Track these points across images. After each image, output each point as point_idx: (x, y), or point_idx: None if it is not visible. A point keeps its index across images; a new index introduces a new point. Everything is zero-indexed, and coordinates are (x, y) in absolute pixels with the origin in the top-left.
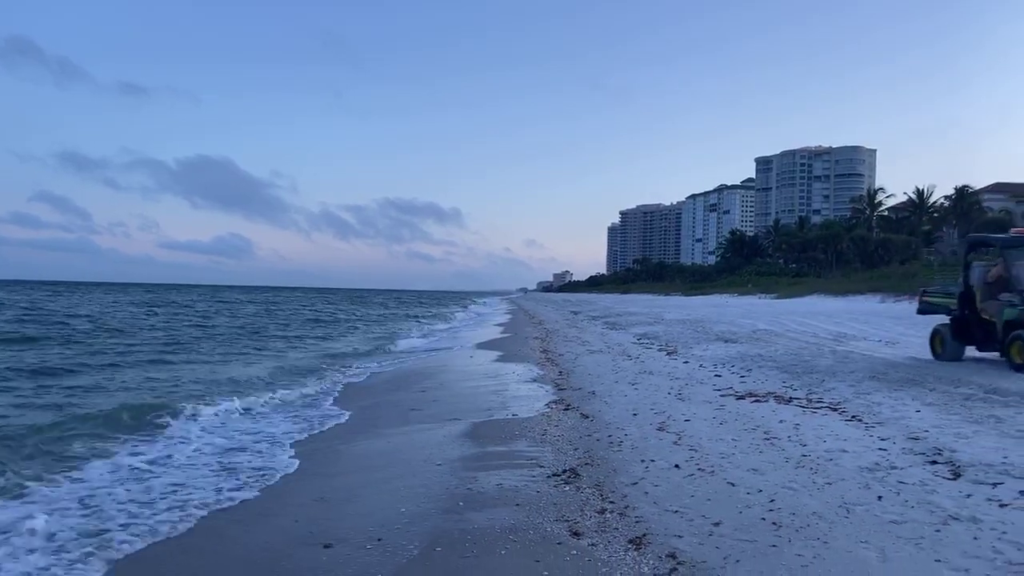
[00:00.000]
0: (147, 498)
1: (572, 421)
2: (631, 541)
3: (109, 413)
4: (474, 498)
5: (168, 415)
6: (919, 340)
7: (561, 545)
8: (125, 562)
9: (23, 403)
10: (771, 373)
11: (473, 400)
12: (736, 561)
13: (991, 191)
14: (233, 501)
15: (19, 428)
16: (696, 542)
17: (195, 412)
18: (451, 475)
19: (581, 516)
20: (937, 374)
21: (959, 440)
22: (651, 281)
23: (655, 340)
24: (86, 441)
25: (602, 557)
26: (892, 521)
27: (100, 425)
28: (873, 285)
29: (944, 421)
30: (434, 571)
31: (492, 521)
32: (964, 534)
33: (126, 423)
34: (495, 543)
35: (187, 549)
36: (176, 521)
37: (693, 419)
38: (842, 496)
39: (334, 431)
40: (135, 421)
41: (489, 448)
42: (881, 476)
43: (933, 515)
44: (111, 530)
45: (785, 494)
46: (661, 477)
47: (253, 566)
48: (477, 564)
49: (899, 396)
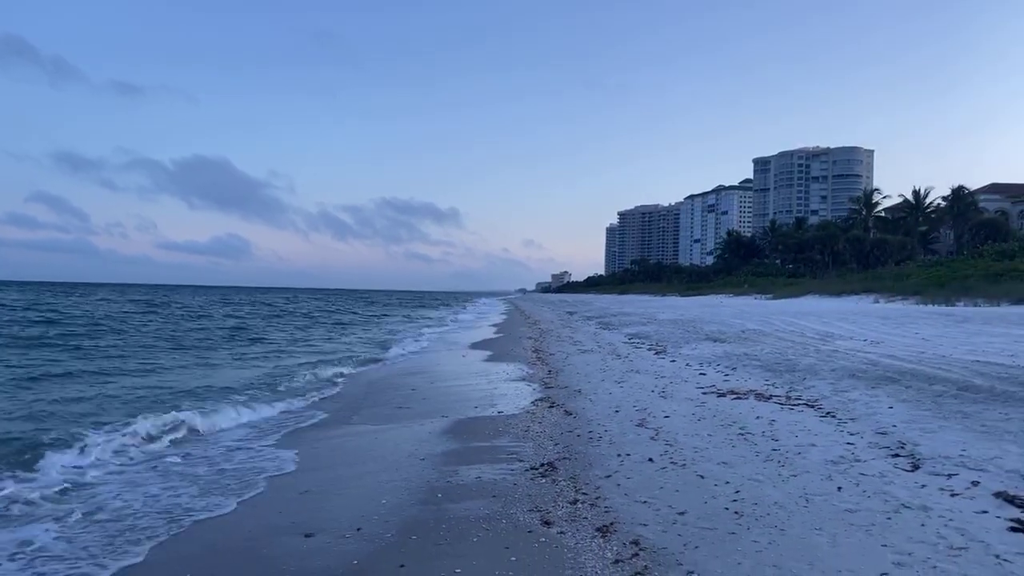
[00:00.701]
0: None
1: (555, 418)
2: (598, 529)
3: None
4: (453, 490)
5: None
6: (904, 340)
7: (531, 533)
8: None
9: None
10: (755, 372)
11: (461, 398)
12: (695, 547)
13: (987, 192)
14: (220, 494)
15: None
16: (660, 530)
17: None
18: (432, 469)
19: (554, 507)
20: (914, 372)
21: (924, 435)
22: (649, 282)
23: (646, 340)
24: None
25: (569, 544)
26: (847, 510)
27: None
28: (867, 285)
29: (913, 417)
30: (407, 557)
31: (468, 511)
32: (913, 521)
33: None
34: (468, 531)
35: (176, 539)
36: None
37: (673, 415)
38: (804, 487)
39: (321, 428)
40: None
41: (472, 444)
42: (844, 468)
43: (887, 504)
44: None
45: (751, 485)
46: (634, 470)
47: (235, 554)
48: (449, 550)
49: (875, 394)
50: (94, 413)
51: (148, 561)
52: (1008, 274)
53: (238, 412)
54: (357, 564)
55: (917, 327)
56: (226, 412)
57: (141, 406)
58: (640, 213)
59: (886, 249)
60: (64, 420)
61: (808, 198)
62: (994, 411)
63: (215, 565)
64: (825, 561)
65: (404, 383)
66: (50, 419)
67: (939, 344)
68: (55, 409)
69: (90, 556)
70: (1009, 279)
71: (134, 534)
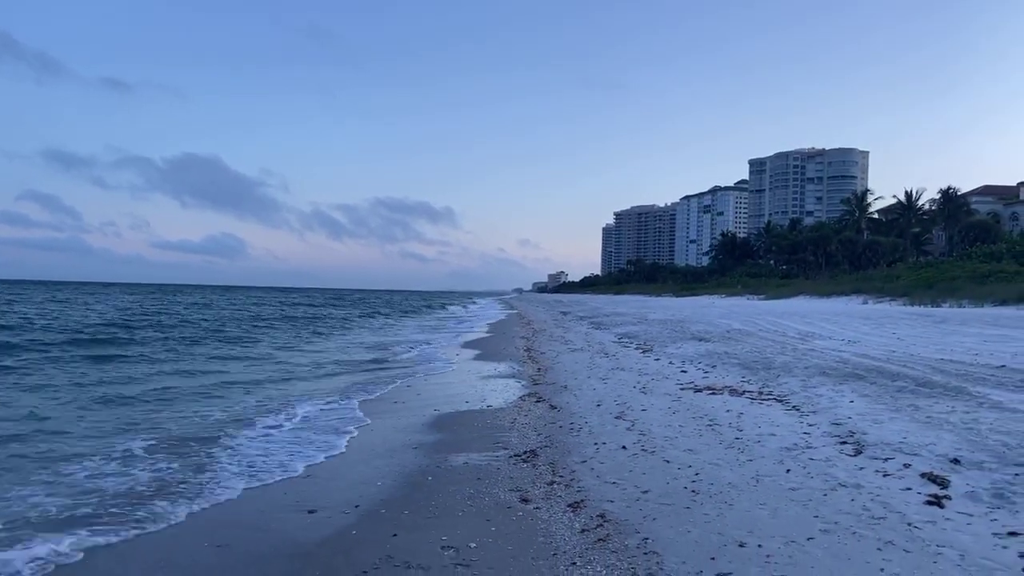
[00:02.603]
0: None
1: (541, 411)
2: (570, 505)
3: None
4: (442, 474)
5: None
6: (880, 339)
7: (510, 508)
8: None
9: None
10: (733, 369)
11: (452, 394)
12: (653, 519)
13: (980, 193)
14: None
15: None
16: (624, 505)
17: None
18: (424, 456)
19: (532, 487)
20: (880, 369)
21: (874, 425)
22: (644, 282)
23: (634, 339)
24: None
25: (543, 517)
26: (791, 488)
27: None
28: (857, 286)
29: (869, 409)
30: (400, 528)
31: (455, 491)
32: (844, 497)
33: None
34: (455, 507)
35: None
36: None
37: (650, 409)
38: (757, 470)
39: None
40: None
41: (461, 434)
42: (796, 454)
43: (826, 483)
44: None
45: (710, 469)
46: (608, 456)
47: (245, 527)
48: (437, 523)
49: (841, 389)
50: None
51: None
52: (994, 275)
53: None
54: (355, 534)
55: (896, 327)
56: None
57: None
58: (636, 213)
59: (878, 250)
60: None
61: (803, 199)
62: (943, 404)
63: (238, 538)
64: (763, 530)
65: (399, 380)
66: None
67: (912, 343)
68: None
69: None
70: (995, 280)
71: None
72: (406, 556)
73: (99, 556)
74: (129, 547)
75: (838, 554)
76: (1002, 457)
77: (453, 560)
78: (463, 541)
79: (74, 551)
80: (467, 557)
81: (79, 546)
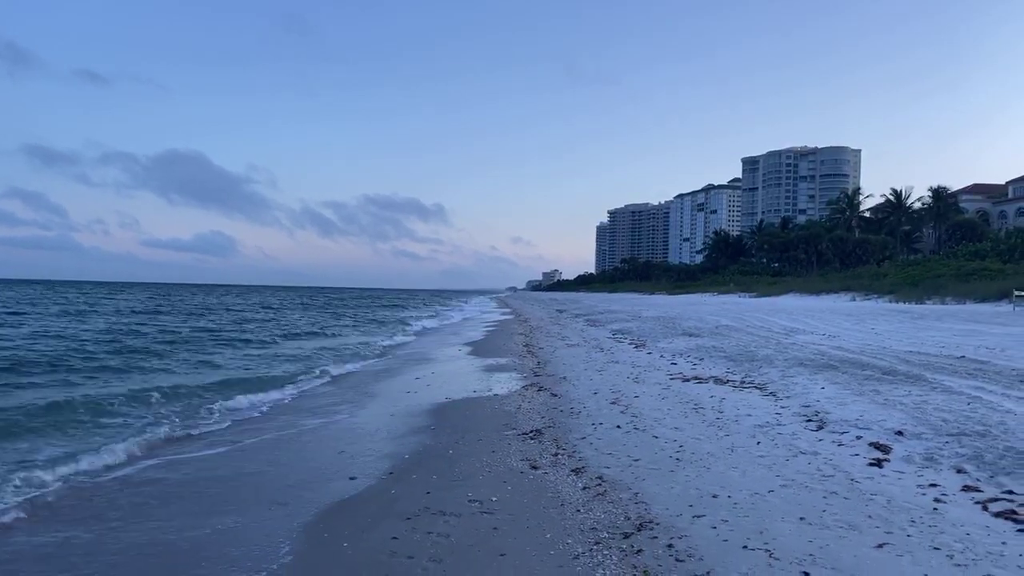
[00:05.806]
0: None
1: (543, 399)
2: (573, 471)
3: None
4: (461, 447)
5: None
6: (858, 334)
7: (523, 473)
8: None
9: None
10: (719, 361)
11: (460, 384)
12: (642, 479)
13: (969, 192)
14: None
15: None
16: (619, 470)
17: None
18: (443, 434)
19: (540, 457)
20: (853, 360)
21: (838, 407)
22: (638, 280)
23: (628, 335)
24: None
25: (551, 479)
26: (759, 456)
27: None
28: (846, 284)
29: (837, 395)
30: (431, 487)
31: (473, 460)
32: (802, 461)
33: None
34: (475, 473)
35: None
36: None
37: (642, 396)
38: (732, 443)
39: (343, 409)
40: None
41: (473, 417)
42: (767, 430)
43: (789, 452)
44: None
45: (692, 442)
46: (604, 434)
47: (294, 489)
48: (462, 484)
49: (815, 378)
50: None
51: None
52: (978, 273)
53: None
54: (394, 493)
55: (875, 323)
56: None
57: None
58: (630, 212)
59: (868, 248)
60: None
61: (796, 197)
62: (901, 389)
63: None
64: (733, 486)
65: (407, 373)
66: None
67: (887, 338)
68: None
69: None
70: (978, 278)
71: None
72: (440, 507)
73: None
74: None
75: (790, 500)
76: (938, 429)
77: (479, 510)
78: (486, 496)
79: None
80: (490, 507)
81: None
